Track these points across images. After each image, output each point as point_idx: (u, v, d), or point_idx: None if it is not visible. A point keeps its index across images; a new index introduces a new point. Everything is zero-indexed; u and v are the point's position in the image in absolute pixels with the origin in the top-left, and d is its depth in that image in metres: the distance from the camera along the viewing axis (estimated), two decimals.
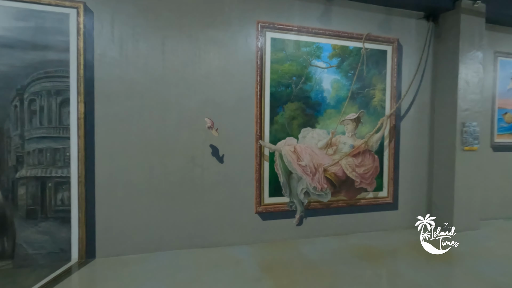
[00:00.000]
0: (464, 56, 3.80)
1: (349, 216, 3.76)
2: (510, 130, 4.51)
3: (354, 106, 3.73)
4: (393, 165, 3.90)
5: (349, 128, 3.71)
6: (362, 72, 3.73)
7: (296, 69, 3.48)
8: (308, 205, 3.59)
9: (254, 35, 3.30)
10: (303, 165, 3.53)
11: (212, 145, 3.22)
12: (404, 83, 3.93)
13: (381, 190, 3.89)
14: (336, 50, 3.62)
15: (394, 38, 3.82)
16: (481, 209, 4.23)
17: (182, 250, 3.16)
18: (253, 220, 3.39)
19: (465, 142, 3.82)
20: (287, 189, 3.51)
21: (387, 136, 3.87)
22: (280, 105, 3.43)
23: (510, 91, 4.50)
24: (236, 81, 3.27)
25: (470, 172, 3.87)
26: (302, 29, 3.46)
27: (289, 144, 3.48)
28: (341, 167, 3.69)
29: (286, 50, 3.43)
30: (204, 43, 3.16)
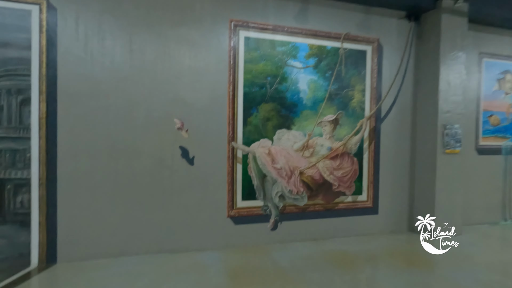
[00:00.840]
0: (446, 56, 3.71)
1: (326, 221, 3.65)
2: (496, 133, 4.41)
3: (332, 107, 3.63)
4: (373, 168, 3.79)
5: (327, 130, 3.61)
6: (340, 72, 3.63)
7: (271, 69, 3.38)
8: (284, 209, 3.48)
9: (226, 34, 3.21)
10: (278, 167, 3.43)
11: (181, 146, 3.12)
12: (385, 84, 3.83)
13: (360, 194, 3.78)
14: (313, 50, 3.53)
15: (374, 38, 3.73)
16: (465, 214, 4.13)
17: (148, 255, 3.05)
18: (225, 224, 3.28)
19: (446, 145, 3.72)
20: (261, 192, 3.40)
21: (366, 138, 3.77)
22: (254, 105, 3.34)
23: (496, 93, 4.41)
24: (207, 81, 3.18)
25: (451, 176, 3.77)
26: (278, 28, 3.37)
27: (263, 146, 3.38)
28: (318, 170, 3.59)
29: (260, 50, 3.34)
30: (174, 41, 3.07)
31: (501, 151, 4.43)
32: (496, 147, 4.41)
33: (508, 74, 4.44)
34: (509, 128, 4.48)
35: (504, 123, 4.45)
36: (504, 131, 4.45)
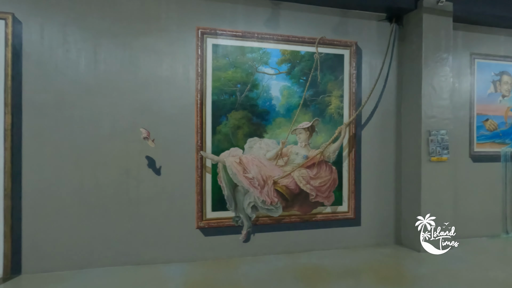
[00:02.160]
0: (429, 59, 3.51)
1: (303, 233, 3.49)
2: (492, 139, 4.11)
3: (308, 114, 3.50)
4: (354, 177, 3.61)
5: (302, 138, 3.47)
6: (316, 78, 3.50)
7: (241, 76, 3.31)
8: (256, 220, 3.36)
9: (194, 42, 3.17)
10: (250, 177, 3.32)
11: (148, 156, 3.08)
12: (365, 88, 3.67)
13: (341, 204, 3.60)
14: (286, 55, 3.43)
15: (351, 41, 3.59)
16: (460, 226, 3.86)
17: (114, 267, 3.00)
18: (193, 236, 3.20)
19: (431, 152, 3.49)
20: (232, 202, 3.30)
21: (346, 145, 3.60)
22: (224, 114, 3.26)
23: (491, 96, 4.13)
24: (174, 90, 3.14)
25: (439, 185, 3.52)
26: (247, 34, 3.30)
27: (234, 155, 3.29)
28: (294, 180, 3.45)
29: (229, 57, 3.28)
30: (139, 51, 3.06)
31: (499, 158, 4.12)
32: (493, 154, 4.10)
33: (504, 75, 4.15)
34: (508, 133, 4.17)
35: (502, 127, 4.15)
36: (503, 136, 4.15)
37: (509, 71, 4.16)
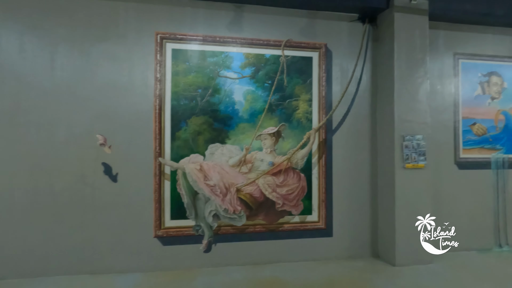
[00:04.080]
0: (402, 59, 3.31)
1: (269, 243, 3.32)
2: (481, 144, 3.81)
3: (273, 119, 3.36)
4: (325, 185, 3.42)
5: (267, 144, 3.34)
6: (282, 81, 3.38)
7: (202, 80, 3.23)
8: (218, 230, 3.23)
9: (152, 47, 3.13)
10: (211, 184, 3.21)
11: (104, 163, 3.04)
12: (337, 92, 3.50)
13: (310, 213, 3.41)
14: (250, 59, 3.33)
15: (320, 43, 3.44)
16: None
17: (68, 276, 2.94)
18: (151, 245, 3.10)
19: (406, 158, 3.26)
20: (192, 211, 3.19)
21: (315, 152, 3.43)
22: (183, 119, 3.19)
23: (479, 98, 3.84)
24: (132, 95, 3.10)
25: (415, 194, 3.28)
26: (208, 38, 3.23)
27: (194, 162, 3.20)
28: (258, 187, 3.30)
29: (189, 61, 3.21)
30: (97, 57, 3.05)
31: (488, 164, 3.81)
32: (482, 160, 3.80)
33: (493, 76, 3.87)
34: (499, 138, 3.86)
35: (492, 132, 3.85)
36: (493, 141, 3.84)
37: (499, 71, 3.87)
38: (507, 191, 3.84)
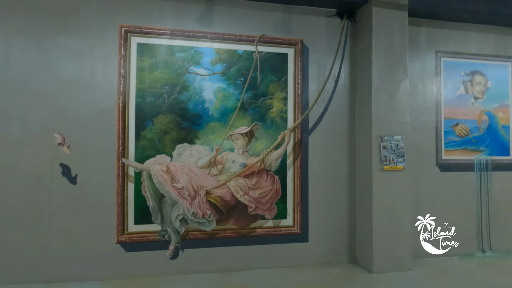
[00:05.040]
0: (380, 56, 3.17)
1: (240, 249, 3.15)
2: (463, 145, 3.68)
3: (246, 118, 3.20)
4: (300, 188, 3.26)
5: (239, 144, 3.17)
6: (255, 79, 3.21)
7: (170, 77, 3.05)
8: (186, 235, 3.05)
9: (116, 41, 2.95)
10: (178, 187, 3.03)
11: (62, 164, 2.85)
12: (313, 90, 3.34)
13: (285, 217, 3.25)
14: (221, 54, 3.17)
15: (296, 39, 3.29)
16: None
17: (21, 285, 2.74)
18: (113, 251, 2.91)
19: (384, 160, 3.11)
20: (158, 215, 3.01)
21: (290, 153, 3.27)
22: (149, 118, 3.01)
23: (462, 98, 3.72)
24: (93, 92, 2.91)
25: (393, 197, 3.14)
26: (177, 32, 3.06)
27: (160, 163, 3.02)
28: (229, 190, 3.13)
29: (156, 56, 3.04)
30: (55, 51, 2.86)
31: (471, 166, 3.68)
32: (465, 162, 3.67)
33: (477, 75, 3.74)
34: (483, 139, 3.73)
35: (475, 133, 3.72)
36: (476, 143, 3.71)
37: (482, 70, 3.75)
38: (491, 194, 3.71)
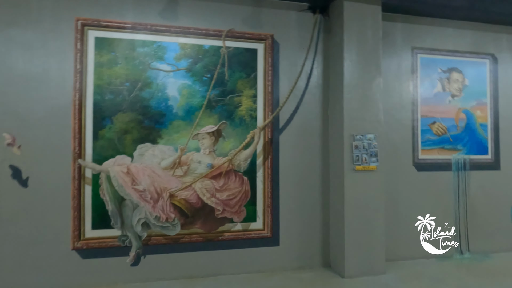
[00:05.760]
0: (352, 52, 3.05)
1: (207, 254, 2.99)
2: (441, 144, 3.59)
3: (213, 116, 3.05)
4: (271, 189, 3.12)
5: (206, 144, 3.02)
6: (223, 75, 3.07)
7: (130, 73, 2.89)
8: (148, 240, 2.88)
9: (72, 35, 2.77)
10: (140, 189, 2.86)
11: (12, 165, 2.65)
12: (284, 87, 3.20)
13: (254, 220, 3.11)
14: (186, 50, 3.01)
15: (266, 34, 3.16)
16: (403, 246, 3.35)
17: None
18: (68, 258, 2.73)
19: (356, 159, 2.99)
20: (117, 219, 2.83)
21: (260, 152, 3.13)
22: (108, 116, 2.84)
23: (439, 96, 3.62)
24: (46, 89, 2.73)
25: (366, 199, 3.02)
26: (138, 26, 2.90)
27: (120, 164, 2.85)
28: (195, 192, 2.98)
29: (116, 51, 2.87)
30: (4, 45, 2.67)
31: (449, 166, 3.58)
32: (442, 162, 3.57)
33: (454, 72, 3.65)
34: (461, 137, 3.64)
35: (452, 131, 3.63)
36: (454, 141, 3.62)
37: (459, 67, 3.66)
38: (469, 195, 3.62)
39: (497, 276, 3.04)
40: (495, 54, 3.75)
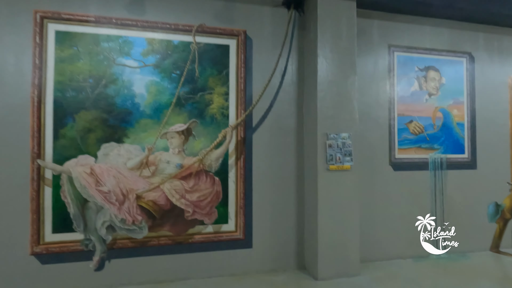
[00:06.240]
0: (326, 49, 2.98)
1: (176, 257, 2.88)
2: (418, 143, 3.55)
3: (182, 114, 2.94)
4: (243, 190, 3.03)
5: (175, 143, 2.90)
6: (193, 72, 2.96)
7: (94, 69, 2.75)
8: (114, 243, 2.76)
9: (30, 28, 2.63)
10: (105, 191, 2.73)
11: None
12: (258, 85, 3.11)
13: (226, 222, 3.01)
14: (154, 45, 2.89)
15: (239, 29, 3.06)
16: (379, 246, 3.30)
17: None
18: (26, 264, 2.58)
19: (330, 159, 2.92)
20: (80, 222, 2.70)
21: (233, 152, 3.03)
22: (70, 114, 2.70)
23: (416, 94, 3.58)
24: (2, 85, 2.57)
25: (340, 199, 2.95)
26: (102, 19, 2.76)
27: (83, 164, 2.71)
28: (164, 193, 2.86)
29: (78, 46, 2.73)
30: None
31: (426, 165, 3.55)
32: (419, 161, 3.53)
33: (431, 71, 3.62)
34: (437, 136, 3.61)
35: (429, 130, 3.59)
36: (430, 140, 3.59)
37: (436, 66, 3.63)
38: (445, 194, 3.59)
39: (471, 276, 3.01)
40: (472, 53, 3.73)
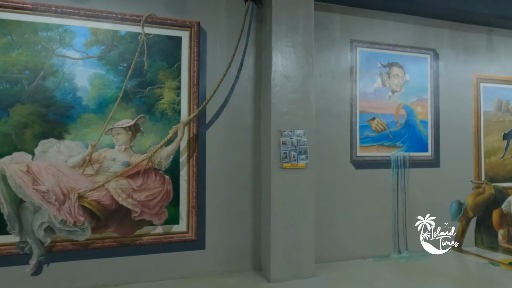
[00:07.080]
0: (281, 42, 2.87)
1: (122, 260, 2.74)
2: (380, 141, 3.49)
3: (130, 109, 2.79)
4: (196, 189, 2.90)
5: (121, 139, 2.75)
6: (142, 65, 2.81)
7: (31, 59, 2.57)
8: (53, 246, 2.60)
9: None
10: (43, 190, 2.56)
11: None
12: (212, 79, 2.98)
13: (177, 223, 2.88)
14: (98, 35, 2.73)
15: (192, 21, 2.91)
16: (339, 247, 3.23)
17: None
18: None
19: (284, 157, 2.82)
20: (15, 224, 2.53)
21: (184, 149, 2.90)
22: (3, 108, 2.51)
23: (378, 91, 3.51)
24: None
25: (295, 199, 2.86)
26: (40, 7, 2.58)
27: (18, 162, 2.54)
28: (109, 193, 2.71)
29: (13, 35, 2.54)
30: None
31: (388, 163, 3.50)
32: (381, 159, 3.47)
33: (394, 67, 3.56)
34: (400, 134, 3.56)
35: (392, 128, 3.54)
36: (393, 138, 3.53)
37: (400, 62, 3.57)
38: (408, 192, 3.55)
39: (428, 276, 2.97)
40: (436, 50, 3.68)
